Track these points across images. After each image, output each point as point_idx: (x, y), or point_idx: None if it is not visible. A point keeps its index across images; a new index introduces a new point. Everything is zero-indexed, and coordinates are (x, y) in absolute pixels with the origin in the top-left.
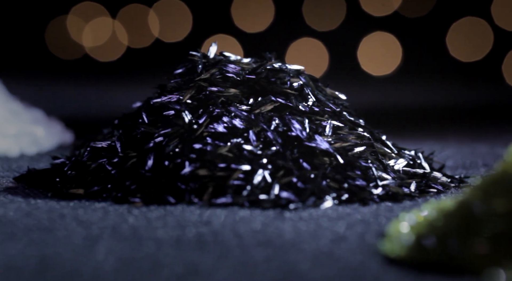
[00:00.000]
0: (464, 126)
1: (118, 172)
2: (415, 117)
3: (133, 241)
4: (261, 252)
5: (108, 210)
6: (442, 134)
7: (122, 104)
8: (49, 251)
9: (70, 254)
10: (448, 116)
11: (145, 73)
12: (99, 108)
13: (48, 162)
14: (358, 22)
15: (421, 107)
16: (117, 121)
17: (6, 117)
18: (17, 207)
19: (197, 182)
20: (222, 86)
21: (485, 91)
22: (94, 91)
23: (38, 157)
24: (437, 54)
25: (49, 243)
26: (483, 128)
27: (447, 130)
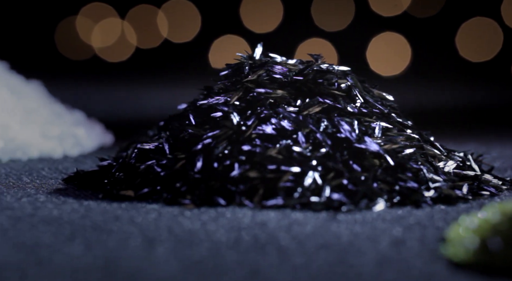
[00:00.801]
0: (480, 127)
1: (167, 174)
2: (432, 118)
3: (191, 243)
4: (322, 255)
5: (161, 211)
6: (460, 135)
7: (153, 106)
8: (111, 253)
9: (132, 256)
10: (459, 117)
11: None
12: (133, 110)
13: (92, 163)
14: (367, 22)
15: (430, 107)
16: (163, 123)
17: (49, 119)
18: (71, 209)
19: (247, 183)
20: (269, 88)
21: (494, 91)
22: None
23: (82, 158)
24: (446, 55)
25: (109, 245)
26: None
27: (464, 131)
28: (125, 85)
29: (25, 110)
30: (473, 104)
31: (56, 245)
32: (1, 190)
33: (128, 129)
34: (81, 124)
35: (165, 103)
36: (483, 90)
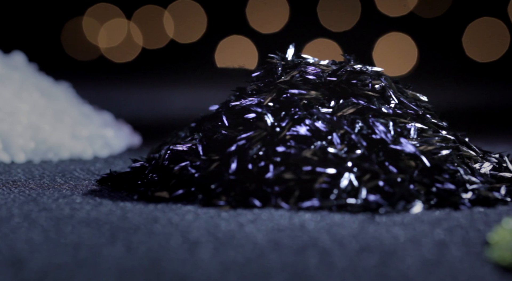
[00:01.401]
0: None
1: (201, 175)
2: None
3: (232, 245)
4: (365, 258)
5: (198, 213)
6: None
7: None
8: (154, 255)
9: (175, 258)
10: (469, 117)
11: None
12: (153, 110)
13: (123, 164)
14: (374, 22)
15: (440, 107)
16: (194, 124)
17: (78, 120)
18: (109, 210)
19: (282, 185)
20: (302, 89)
21: (501, 91)
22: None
23: (112, 159)
24: (453, 55)
25: (151, 247)
26: None
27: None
28: (138, 86)
29: (55, 112)
30: (480, 104)
31: (99, 246)
32: (37, 191)
33: (153, 130)
34: (109, 126)
35: (182, 104)
36: (490, 90)
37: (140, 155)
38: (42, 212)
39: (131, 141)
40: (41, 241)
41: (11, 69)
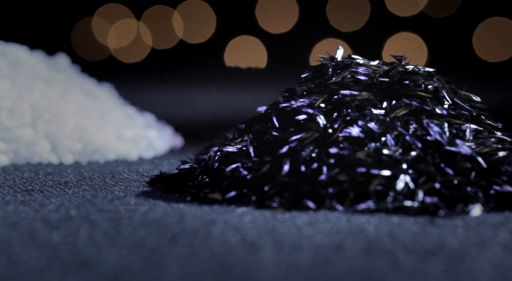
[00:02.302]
0: None
1: (253, 177)
2: None
3: (293, 248)
4: (434, 262)
5: (253, 215)
6: None
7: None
8: (218, 257)
9: (240, 260)
10: None
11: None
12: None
13: (168, 165)
14: (383, 22)
15: None
16: (243, 126)
17: (122, 121)
18: (164, 212)
19: (336, 187)
20: (354, 90)
21: None
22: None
23: (157, 160)
24: (463, 55)
25: (213, 249)
26: None
27: None
28: (150, 86)
29: (100, 113)
30: (491, 104)
31: (162, 248)
32: (90, 192)
33: (188, 131)
34: (153, 127)
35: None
36: (501, 90)
37: (183, 155)
38: (100, 214)
39: (173, 142)
40: (104, 242)
41: (55, 71)
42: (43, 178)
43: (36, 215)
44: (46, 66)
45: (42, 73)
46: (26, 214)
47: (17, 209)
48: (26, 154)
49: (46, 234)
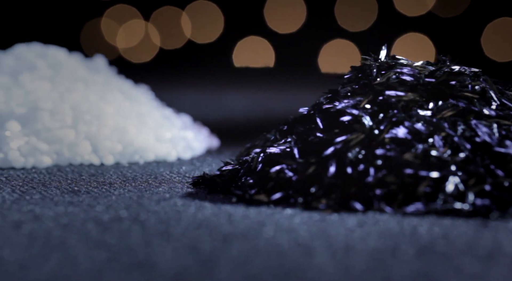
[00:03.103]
0: None
1: (299, 178)
2: None
3: (348, 251)
4: (497, 266)
5: (302, 216)
6: None
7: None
8: (274, 259)
9: (296, 262)
10: None
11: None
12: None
13: (208, 166)
14: (391, 22)
15: None
16: (286, 127)
17: (161, 122)
18: (212, 213)
19: (384, 189)
20: (400, 90)
21: None
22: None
23: (196, 161)
24: (472, 54)
25: (269, 251)
26: None
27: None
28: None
29: (138, 114)
30: None
31: (217, 250)
32: (136, 193)
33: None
34: (190, 128)
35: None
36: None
37: (220, 156)
38: (149, 215)
39: (210, 143)
40: (158, 244)
41: (93, 72)
42: (87, 178)
43: (87, 216)
44: (84, 68)
45: (81, 74)
46: (76, 215)
47: (67, 210)
48: (68, 155)
49: (100, 235)
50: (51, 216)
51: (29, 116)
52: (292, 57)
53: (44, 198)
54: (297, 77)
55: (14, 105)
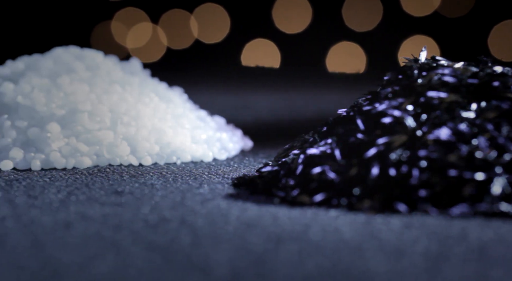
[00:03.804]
0: None
1: (342, 180)
2: None
3: (402, 254)
4: None
5: (347, 218)
6: None
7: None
8: (329, 263)
9: (350, 265)
10: None
11: None
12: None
13: (244, 167)
14: (397, 23)
15: None
16: (325, 128)
17: (196, 124)
18: (258, 214)
19: (428, 190)
20: (442, 91)
21: None
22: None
23: (232, 162)
24: (478, 56)
25: (322, 254)
26: None
27: None
28: None
29: (174, 116)
30: None
31: (269, 252)
32: (179, 194)
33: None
34: (224, 129)
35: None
36: None
37: (255, 157)
38: (196, 217)
39: (244, 144)
40: (209, 245)
41: (129, 74)
42: (128, 179)
43: (135, 217)
44: (121, 70)
45: (118, 76)
46: (124, 216)
47: (115, 211)
48: (108, 156)
49: (151, 236)
50: (99, 217)
51: (68, 118)
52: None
53: (90, 198)
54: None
55: (54, 107)
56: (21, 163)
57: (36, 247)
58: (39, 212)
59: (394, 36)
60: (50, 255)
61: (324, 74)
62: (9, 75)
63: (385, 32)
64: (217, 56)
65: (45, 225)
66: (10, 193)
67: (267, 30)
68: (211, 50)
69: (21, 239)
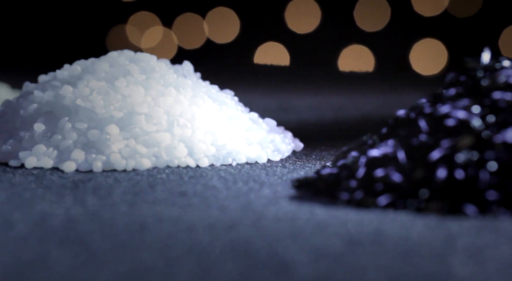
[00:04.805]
0: None
1: (407, 182)
2: None
3: (484, 258)
4: None
5: (416, 220)
6: None
7: None
8: (406, 268)
9: (435, 270)
10: None
11: None
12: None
13: (300, 168)
14: (408, 23)
15: None
16: (386, 130)
17: (249, 126)
18: (326, 216)
19: (499, 192)
20: (508, 92)
21: None
22: None
23: (287, 164)
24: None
25: (402, 256)
26: None
27: None
28: None
29: (228, 118)
30: None
31: (349, 254)
32: (242, 196)
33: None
34: (276, 131)
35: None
36: None
37: (308, 159)
38: (265, 218)
39: (295, 145)
40: (287, 246)
41: (182, 77)
42: (189, 181)
43: (206, 218)
44: (174, 73)
45: (172, 79)
46: (195, 217)
47: (186, 212)
48: (166, 157)
49: (226, 237)
50: (173, 218)
51: (126, 120)
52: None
53: (157, 200)
54: None
55: (112, 109)
56: (83, 164)
57: (117, 248)
58: (111, 213)
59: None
60: (133, 257)
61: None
62: (67, 78)
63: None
64: (229, 56)
65: (120, 226)
66: (79, 194)
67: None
68: (223, 50)
69: (102, 241)
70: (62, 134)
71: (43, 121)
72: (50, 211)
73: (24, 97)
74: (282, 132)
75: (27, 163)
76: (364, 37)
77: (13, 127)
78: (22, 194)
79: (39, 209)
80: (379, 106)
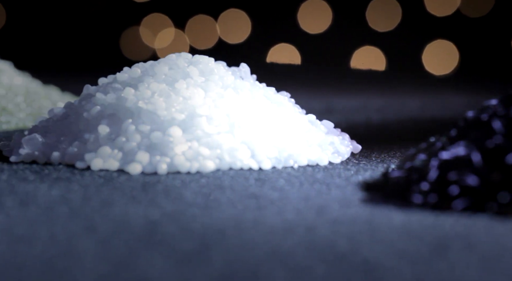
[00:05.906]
0: None
1: (485, 185)
2: None
3: None
4: None
5: (498, 225)
6: None
7: None
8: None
9: None
10: None
11: None
12: None
13: (362, 171)
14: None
15: None
16: (456, 132)
17: (308, 127)
18: (404, 220)
19: None
20: None
21: None
22: None
23: (348, 165)
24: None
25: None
26: None
27: None
28: None
29: (287, 120)
30: None
31: (436, 259)
32: (312, 198)
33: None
34: (334, 133)
35: None
36: None
37: (369, 161)
38: (341, 222)
39: (353, 147)
40: (374, 250)
41: (240, 79)
42: (254, 183)
43: (285, 224)
44: (232, 75)
45: (230, 81)
46: (273, 221)
47: (263, 215)
48: (229, 160)
49: (311, 241)
50: (250, 221)
51: (188, 122)
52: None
53: (230, 201)
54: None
55: (174, 111)
56: (148, 167)
57: (203, 251)
58: (187, 216)
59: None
60: (221, 259)
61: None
62: (127, 81)
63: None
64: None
65: (199, 229)
66: (151, 197)
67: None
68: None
69: (187, 243)
70: (125, 136)
71: (107, 123)
72: (129, 213)
73: (86, 100)
74: (340, 134)
75: (93, 164)
76: (375, 37)
77: (77, 130)
78: (96, 196)
79: (118, 211)
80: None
